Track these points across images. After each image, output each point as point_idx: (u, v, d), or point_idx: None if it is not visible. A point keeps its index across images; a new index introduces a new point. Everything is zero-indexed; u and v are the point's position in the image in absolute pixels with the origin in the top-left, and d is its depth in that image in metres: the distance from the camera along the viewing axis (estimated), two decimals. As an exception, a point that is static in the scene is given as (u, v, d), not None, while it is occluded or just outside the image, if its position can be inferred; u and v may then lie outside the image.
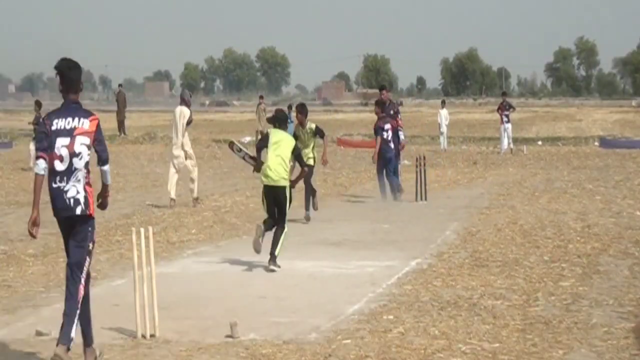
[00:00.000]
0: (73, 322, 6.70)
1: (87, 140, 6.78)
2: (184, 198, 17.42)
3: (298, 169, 11.87)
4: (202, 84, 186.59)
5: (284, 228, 10.81)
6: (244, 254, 11.74)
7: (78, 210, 6.72)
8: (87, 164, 6.81)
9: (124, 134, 39.91)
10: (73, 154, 6.74)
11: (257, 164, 11.33)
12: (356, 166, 25.07)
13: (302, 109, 15.00)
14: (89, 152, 6.81)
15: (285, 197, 10.86)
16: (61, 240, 7.08)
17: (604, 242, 12.28)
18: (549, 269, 10.46)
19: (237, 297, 9.20)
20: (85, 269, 6.82)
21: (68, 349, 6.66)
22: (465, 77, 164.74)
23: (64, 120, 6.80)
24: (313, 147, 15.00)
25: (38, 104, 25.95)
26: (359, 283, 9.85)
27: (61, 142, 6.74)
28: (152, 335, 7.63)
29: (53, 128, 6.78)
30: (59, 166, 6.73)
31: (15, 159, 29.33)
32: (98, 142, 6.87)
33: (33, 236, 6.84)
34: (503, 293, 9.20)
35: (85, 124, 6.81)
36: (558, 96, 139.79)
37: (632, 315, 8.27)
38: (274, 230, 10.83)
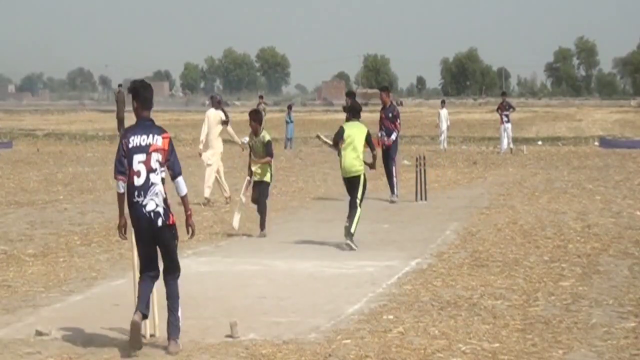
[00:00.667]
0: (178, 317, 7.27)
1: (160, 157, 7.25)
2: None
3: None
4: (202, 84, 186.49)
5: (357, 208, 12.18)
6: (244, 254, 11.75)
7: (159, 222, 7.28)
8: (163, 179, 7.28)
9: (124, 133, 39.84)
10: (150, 170, 7.22)
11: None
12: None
13: (255, 116, 13.41)
14: (163, 168, 7.26)
15: (360, 183, 12.33)
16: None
17: (604, 242, 12.28)
18: (549, 269, 10.47)
19: (237, 297, 9.20)
20: (178, 267, 7.41)
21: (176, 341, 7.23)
22: (465, 77, 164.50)
23: (139, 137, 7.26)
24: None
25: None
26: (359, 283, 9.85)
27: (138, 159, 7.22)
28: (152, 335, 7.64)
29: (130, 146, 7.24)
30: (137, 181, 7.24)
31: (15, 158, 29.35)
32: (170, 158, 7.29)
33: (124, 237, 7.44)
34: (503, 293, 9.20)
35: (159, 140, 7.27)
36: (558, 96, 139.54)
37: (632, 315, 8.28)
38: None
